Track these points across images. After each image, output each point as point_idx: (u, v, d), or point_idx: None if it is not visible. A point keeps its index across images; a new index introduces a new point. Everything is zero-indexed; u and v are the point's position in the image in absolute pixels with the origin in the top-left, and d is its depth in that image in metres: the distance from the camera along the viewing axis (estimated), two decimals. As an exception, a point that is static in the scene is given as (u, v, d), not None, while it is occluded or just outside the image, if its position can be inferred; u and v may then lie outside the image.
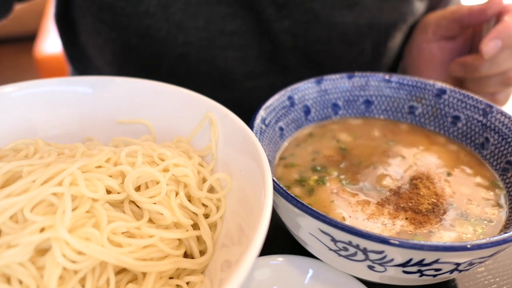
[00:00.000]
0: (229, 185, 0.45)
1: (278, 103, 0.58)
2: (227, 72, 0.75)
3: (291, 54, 0.77)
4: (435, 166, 0.56)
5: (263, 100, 0.65)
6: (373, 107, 0.65)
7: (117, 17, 0.71)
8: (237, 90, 0.77)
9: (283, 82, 0.77)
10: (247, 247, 0.34)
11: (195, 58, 0.73)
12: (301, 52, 0.77)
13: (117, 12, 0.71)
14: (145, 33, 0.72)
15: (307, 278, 0.48)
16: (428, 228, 0.47)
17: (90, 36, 0.78)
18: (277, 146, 0.57)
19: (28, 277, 0.35)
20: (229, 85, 0.76)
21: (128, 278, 0.40)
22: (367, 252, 0.41)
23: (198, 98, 0.52)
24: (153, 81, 0.54)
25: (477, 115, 0.59)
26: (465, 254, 0.40)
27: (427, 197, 0.50)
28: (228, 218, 0.44)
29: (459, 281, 0.52)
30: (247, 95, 0.77)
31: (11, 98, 0.51)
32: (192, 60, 0.73)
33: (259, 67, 0.76)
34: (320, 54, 0.78)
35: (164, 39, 0.72)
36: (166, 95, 0.53)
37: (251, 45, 0.74)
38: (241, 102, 0.76)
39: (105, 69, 0.81)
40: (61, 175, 0.38)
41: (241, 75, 0.76)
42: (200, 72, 0.75)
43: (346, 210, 0.48)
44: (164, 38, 0.72)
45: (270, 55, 0.76)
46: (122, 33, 0.73)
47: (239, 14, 0.72)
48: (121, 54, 0.76)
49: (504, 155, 0.55)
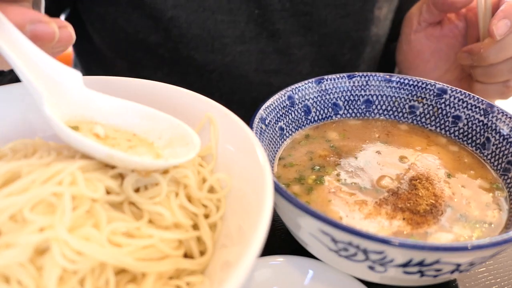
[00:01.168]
0: (229, 185, 0.45)
1: (278, 103, 0.58)
2: (218, 35, 0.76)
3: (279, 17, 0.77)
4: (435, 166, 0.56)
5: (253, 65, 0.65)
6: (373, 107, 0.65)
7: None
8: (229, 55, 0.78)
9: (273, 47, 0.78)
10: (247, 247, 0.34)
11: (185, 21, 0.74)
12: (288, 14, 0.78)
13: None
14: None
15: (307, 279, 0.48)
16: (425, 229, 0.47)
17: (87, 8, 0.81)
18: (277, 146, 0.57)
19: (27, 278, 0.35)
20: (220, 49, 0.77)
21: (127, 278, 0.39)
22: (368, 252, 0.40)
23: (198, 98, 0.52)
24: (153, 81, 0.54)
25: (478, 114, 0.59)
26: (465, 254, 0.39)
27: (425, 198, 0.50)
28: (228, 218, 0.44)
29: (460, 282, 0.52)
30: (238, 60, 0.78)
31: (11, 98, 0.51)
32: (183, 23, 0.75)
33: (249, 32, 0.77)
34: (306, 16, 0.78)
35: (154, 2, 0.73)
36: (166, 95, 0.53)
37: (239, 8, 0.75)
38: (232, 67, 0.78)
39: (96, 36, 0.84)
40: (61, 175, 0.38)
41: (231, 39, 0.77)
42: (192, 36, 0.76)
43: (343, 209, 0.48)
44: (153, 1, 0.73)
45: (259, 18, 0.77)
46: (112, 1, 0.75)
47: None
48: (114, 23, 0.78)
49: (505, 155, 0.55)
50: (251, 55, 0.79)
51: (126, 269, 0.39)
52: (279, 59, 0.81)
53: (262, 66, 0.80)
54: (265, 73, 0.81)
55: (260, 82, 0.82)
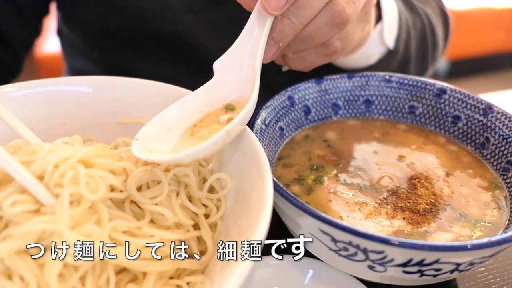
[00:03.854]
0: (229, 185, 0.45)
1: (278, 103, 0.58)
2: (167, 6, 0.80)
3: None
4: (434, 166, 0.56)
5: (207, 32, 0.70)
6: (373, 107, 0.65)
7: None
8: (181, 23, 0.81)
9: (222, 14, 0.81)
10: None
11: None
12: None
13: None
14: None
15: (307, 278, 0.48)
16: (425, 228, 0.47)
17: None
18: (277, 146, 0.57)
19: (29, 273, 0.35)
20: (172, 19, 0.81)
21: (128, 278, 0.40)
22: (368, 252, 0.41)
23: (198, 98, 0.52)
24: (153, 81, 0.54)
25: (477, 114, 0.59)
26: (465, 254, 0.40)
27: (425, 197, 0.50)
28: (228, 218, 0.44)
29: (460, 281, 0.52)
30: (191, 28, 0.82)
31: (11, 98, 0.51)
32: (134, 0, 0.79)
33: (195, 2, 0.81)
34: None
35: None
36: (166, 95, 0.53)
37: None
38: (186, 35, 0.82)
39: (72, 34, 0.89)
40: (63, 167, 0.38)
41: (180, 9, 0.80)
42: (144, 10, 0.80)
43: (343, 209, 0.48)
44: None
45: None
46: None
47: None
48: (79, 18, 0.85)
49: (504, 155, 0.55)
50: (202, 24, 0.82)
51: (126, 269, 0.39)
52: (228, 25, 0.82)
53: (214, 33, 0.83)
54: (218, 39, 0.83)
55: (215, 48, 0.83)
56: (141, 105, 0.54)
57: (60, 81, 0.54)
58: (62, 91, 0.54)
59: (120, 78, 0.55)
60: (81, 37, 0.89)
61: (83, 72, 0.94)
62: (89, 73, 0.91)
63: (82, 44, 0.90)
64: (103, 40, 0.86)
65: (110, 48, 0.86)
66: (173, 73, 0.86)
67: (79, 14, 0.84)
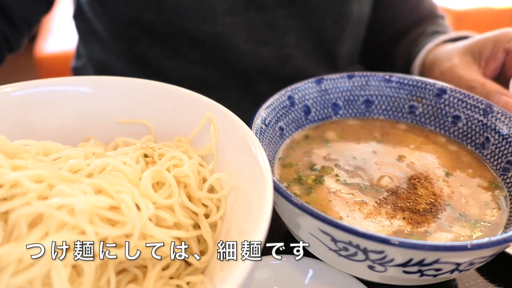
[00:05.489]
0: (229, 185, 0.45)
1: (278, 103, 0.58)
2: (208, 6, 0.80)
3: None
4: (434, 166, 0.56)
5: (243, 36, 0.67)
6: (373, 107, 0.65)
7: None
8: (219, 25, 0.82)
9: (260, 19, 0.83)
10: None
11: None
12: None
13: None
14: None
15: (307, 278, 0.48)
16: (425, 228, 0.47)
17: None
18: (277, 146, 0.57)
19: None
20: (211, 20, 0.81)
21: (128, 278, 0.40)
22: (368, 252, 0.41)
23: (198, 98, 0.52)
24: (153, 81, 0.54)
25: (477, 114, 0.59)
26: (465, 254, 0.40)
27: (425, 197, 0.50)
28: (228, 218, 0.44)
29: (460, 281, 0.52)
30: (228, 31, 0.82)
31: (11, 98, 0.51)
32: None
33: (237, 5, 0.81)
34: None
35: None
36: (166, 95, 0.53)
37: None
38: (223, 37, 0.82)
39: (97, 23, 0.87)
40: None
41: (221, 11, 0.81)
42: (184, 8, 0.80)
43: (343, 209, 0.48)
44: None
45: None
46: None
47: None
48: (112, 6, 0.82)
49: (504, 154, 0.55)
50: (240, 27, 0.82)
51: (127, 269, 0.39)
52: (266, 31, 0.85)
53: (251, 37, 0.84)
54: (254, 44, 0.85)
55: (250, 52, 0.86)
56: (141, 105, 0.54)
57: (60, 81, 0.54)
58: (62, 91, 0.54)
59: (120, 78, 0.55)
60: (108, 25, 0.87)
61: (102, 62, 0.92)
62: (110, 64, 0.90)
63: (107, 33, 0.88)
64: (134, 32, 0.84)
65: (140, 41, 0.85)
66: (203, 75, 0.86)
67: (111, 1, 0.82)
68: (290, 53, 0.87)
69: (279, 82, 0.86)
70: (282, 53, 0.86)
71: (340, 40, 0.90)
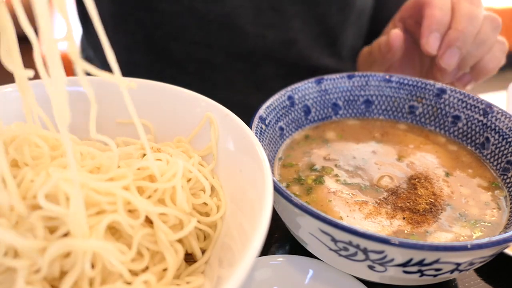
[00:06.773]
0: (229, 186, 0.45)
1: (278, 103, 0.58)
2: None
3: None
4: (434, 166, 0.56)
5: (250, 18, 0.72)
6: (373, 107, 0.65)
7: None
8: (226, 6, 0.82)
9: (267, 3, 0.83)
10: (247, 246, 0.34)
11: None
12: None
13: None
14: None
15: (307, 278, 0.48)
16: (425, 228, 0.47)
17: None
18: (277, 146, 0.57)
19: None
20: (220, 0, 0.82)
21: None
22: (368, 252, 0.41)
23: (198, 98, 0.52)
24: (153, 81, 0.54)
25: (477, 114, 0.59)
26: (465, 254, 0.40)
27: (425, 197, 0.50)
28: (228, 218, 0.44)
29: (460, 281, 0.52)
30: (235, 12, 0.83)
31: (11, 98, 0.51)
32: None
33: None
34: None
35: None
36: (166, 95, 0.53)
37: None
38: (229, 18, 0.82)
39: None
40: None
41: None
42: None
43: (343, 209, 0.48)
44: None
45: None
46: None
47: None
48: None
49: (504, 155, 0.55)
50: (247, 9, 0.83)
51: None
52: (272, 15, 0.85)
53: (257, 19, 0.84)
54: (260, 26, 0.85)
55: (256, 35, 0.86)
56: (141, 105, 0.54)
57: (60, 81, 0.54)
58: (62, 91, 0.53)
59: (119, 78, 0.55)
60: (111, 6, 0.85)
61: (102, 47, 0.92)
62: (113, 50, 0.89)
63: (108, 15, 0.86)
64: (138, 13, 0.83)
65: (144, 22, 0.84)
66: (208, 56, 0.86)
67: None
68: (294, 37, 0.87)
69: (283, 67, 0.87)
70: (287, 37, 0.86)
71: (343, 28, 0.91)
